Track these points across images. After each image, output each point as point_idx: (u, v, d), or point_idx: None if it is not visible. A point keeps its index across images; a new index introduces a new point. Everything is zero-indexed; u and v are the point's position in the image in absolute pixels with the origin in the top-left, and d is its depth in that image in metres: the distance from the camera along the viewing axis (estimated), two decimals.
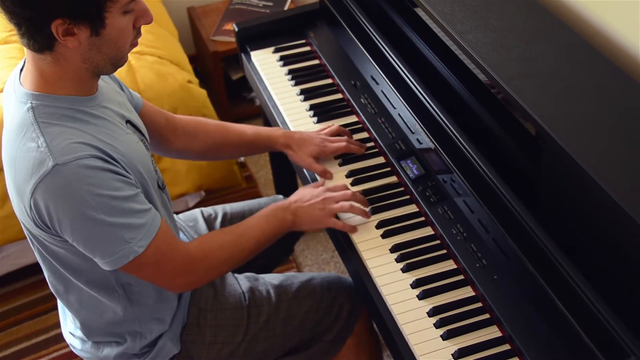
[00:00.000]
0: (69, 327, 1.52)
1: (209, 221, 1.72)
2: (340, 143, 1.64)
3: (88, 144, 1.20)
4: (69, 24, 1.14)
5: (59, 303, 1.54)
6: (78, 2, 1.13)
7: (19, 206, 1.27)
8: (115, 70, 1.28)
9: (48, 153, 1.17)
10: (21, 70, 1.28)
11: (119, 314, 1.39)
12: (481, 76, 1.50)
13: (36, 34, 1.16)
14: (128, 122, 1.36)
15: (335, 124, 1.72)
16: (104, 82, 1.36)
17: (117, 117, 1.32)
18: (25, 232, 1.34)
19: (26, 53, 1.23)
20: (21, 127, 1.21)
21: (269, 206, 1.49)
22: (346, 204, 1.49)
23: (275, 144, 1.66)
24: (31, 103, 1.22)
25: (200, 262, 1.36)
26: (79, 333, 1.48)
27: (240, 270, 1.71)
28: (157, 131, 1.58)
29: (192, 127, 1.63)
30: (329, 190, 1.51)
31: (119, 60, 1.25)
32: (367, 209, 1.52)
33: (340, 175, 1.63)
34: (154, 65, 2.34)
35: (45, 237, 1.27)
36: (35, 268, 2.34)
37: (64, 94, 1.23)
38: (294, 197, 1.51)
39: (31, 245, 1.36)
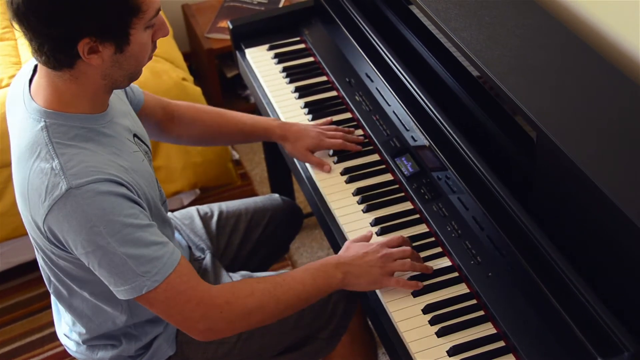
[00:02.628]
0: (64, 329, 1.51)
1: (205, 219, 1.71)
2: (337, 139, 1.63)
3: (103, 167, 1.18)
4: (95, 41, 1.13)
5: (53, 305, 1.53)
6: (107, 20, 1.12)
7: (30, 223, 1.25)
8: (129, 84, 1.27)
9: (62, 176, 1.16)
10: (30, 79, 1.25)
11: (119, 325, 1.39)
12: (475, 73, 1.50)
13: (60, 54, 1.14)
14: (135, 135, 1.35)
15: (332, 118, 1.72)
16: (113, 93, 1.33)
17: (126, 132, 1.31)
18: (32, 242, 1.31)
19: (39, 68, 1.21)
20: (34, 146, 1.19)
21: (319, 260, 1.37)
22: (407, 261, 1.37)
23: (271, 135, 1.65)
24: (45, 122, 1.19)
25: (222, 307, 1.26)
26: (74, 336, 1.47)
27: (235, 268, 1.71)
28: (155, 123, 1.59)
29: (189, 116, 1.62)
30: (386, 246, 1.39)
31: (136, 75, 1.25)
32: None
33: (335, 172, 1.63)
34: (148, 62, 2.33)
35: (55, 251, 1.25)
36: (29, 266, 2.33)
37: (77, 111, 1.21)
38: (347, 253, 1.38)
39: (35, 251, 1.34)
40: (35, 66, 1.25)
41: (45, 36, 1.12)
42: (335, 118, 1.76)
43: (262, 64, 1.93)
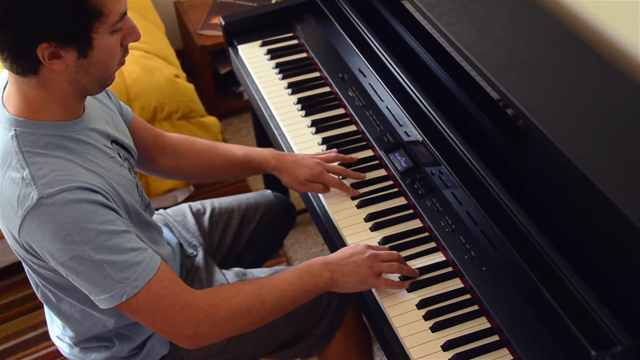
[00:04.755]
0: (56, 331, 1.50)
1: (197, 216, 1.71)
2: (335, 178, 1.56)
3: (75, 175, 1.16)
4: (55, 46, 1.10)
5: (46, 308, 1.52)
6: (64, 25, 1.09)
7: (7, 234, 1.24)
8: (102, 90, 1.24)
9: (33, 185, 1.14)
10: (4, 87, 1.23)
11: (109, 327, 1.38)
12: (468, 68, 1.49)
13: (20, 59, 1.12)
14: (114, 141, 1.32)
15: (334, 151, 1.64)
16: (92, 97, 1.31)
17: (103, 139, 1.28)
18: (14, 252, 1.29)
19: (9, 75, 1.19)
20: (5, 156, 1.18)
21: (306, 261, 1.37)
22: (394, 264, 1.38)
23: (265, 167, 1.60)
24: (15, 130, 1.18)
25: (206, 310, 1.25)
26: (66, 339, 1.47)
27: (228, 265, 1.70)
28: (145, 149, 1.54)
29: (182, 147, 1.59)
30: (372, 248, 1.40)
31: (107, 80, 1.21)
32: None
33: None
34: (141, 59, 2.33)
35: (36, 261, 1.24)
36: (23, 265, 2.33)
37: (49, 119, 1.19)
38: (332, 254, 1.39)
39: (20, 260, 1.33)
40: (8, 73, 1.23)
41: (1, 41, 1.10)
42: (329, 114, 1.76)
43: (255, 60, 1.93)
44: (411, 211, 1.52)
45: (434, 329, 1.31)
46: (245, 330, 1.32)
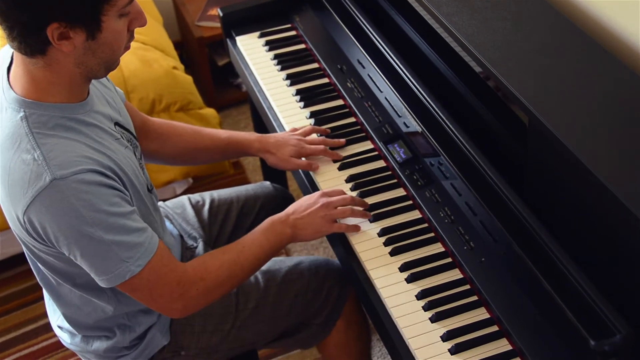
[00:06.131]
0: (58, 321, 1.51)
1: (197, 208, 1.71)
2: (318, 146, 1.61)
3: (85, 156, 1.18)
4: (65, 27, 1.11)
5: (46, 297, 1.53)
6: (76, 5, 1.10)
7: (10, 215, 1.24)
8: (107, 74, 1.25)
9: (45, 166, 1.15)
10: (8, 67, 1.24)
11: (108, 313, 1.39)
12: (467, 58, 1.49)
13: (29, 38, 1.13)
14: (117, 124, 1.34)
15: (309, 125, 1.69)
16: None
17: (107, 121, 1.30)
18: (15, 235, 1.31)
19: (15, 55, 1.20)
20: (14, 137, 1.18)
21: (267, 220, 1.44)
22: (347, 208, 1.45)
23: (249, 149, 1.63)
24: (24, 112, 1.18)
25: (197, 284, 1.32)
26: (67, 326, 1.47)
27: None
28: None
29: (165, 129, 1.61)
30: (326, 195, 1.46)
31: (112, 64, 1.23)
32: (367, 210, 1.50)
33: (328, 160, 1.63)
34: (139, 51, 2.33)
35: (37, 245, 1.25)
36: (24, 257, 2.32)
37: (56, 100, 1.20)
38: (290, 208, 1.45)
39: (21, 244, 1.34)
40: (13, 54, 1.23)
41: (13, 20, 1.11)
42: (327, 105, 1.76)
43: (253, 51, 1.92)
44: (410, 202, 1.53)
45: (434, 319, 1.31)
46: (229, 292, 1.42)
